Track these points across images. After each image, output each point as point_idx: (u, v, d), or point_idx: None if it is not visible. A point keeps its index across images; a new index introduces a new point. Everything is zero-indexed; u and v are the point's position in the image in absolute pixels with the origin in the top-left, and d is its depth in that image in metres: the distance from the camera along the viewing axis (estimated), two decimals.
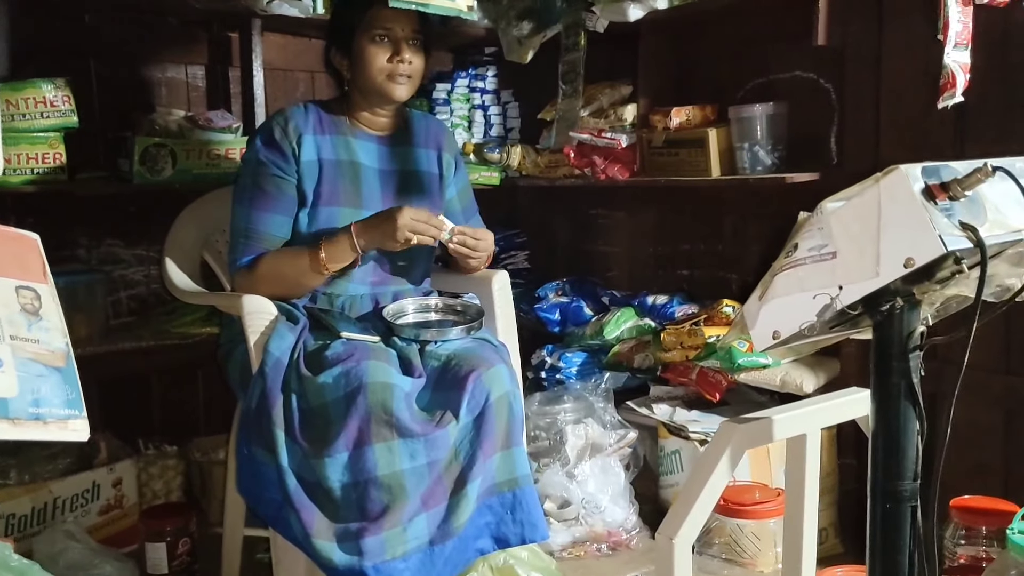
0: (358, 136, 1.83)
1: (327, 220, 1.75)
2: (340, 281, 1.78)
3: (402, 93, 1.79)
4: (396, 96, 1.78)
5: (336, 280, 1.78)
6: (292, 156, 1.75)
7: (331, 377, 1.53)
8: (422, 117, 2.00)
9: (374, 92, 1.79)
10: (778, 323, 0.99)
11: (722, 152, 2.27)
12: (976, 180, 0.89)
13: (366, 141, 1.84)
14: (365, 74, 1.77)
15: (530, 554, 1.74)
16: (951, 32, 1.47)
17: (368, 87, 1.79)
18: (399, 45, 1.75)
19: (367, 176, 1.81)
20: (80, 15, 2.30)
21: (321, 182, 1.76)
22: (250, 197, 1.75)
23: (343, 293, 1.79)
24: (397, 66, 1.75)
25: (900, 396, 1.01)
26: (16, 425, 0.73)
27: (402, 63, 1.75)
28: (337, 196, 1.76)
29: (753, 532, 1.93)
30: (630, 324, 2.44)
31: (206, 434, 2.40)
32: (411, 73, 1.78)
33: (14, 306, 0.80)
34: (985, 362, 1.85)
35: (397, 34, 1.75)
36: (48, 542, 1.82)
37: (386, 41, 1.75)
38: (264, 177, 1.75)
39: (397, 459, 1.48)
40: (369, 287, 1.81)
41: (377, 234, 1.67)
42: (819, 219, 0.94)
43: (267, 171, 1.74)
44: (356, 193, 1.78)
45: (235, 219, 1.77)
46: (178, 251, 1.96)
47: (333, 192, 1.76)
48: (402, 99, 1.81)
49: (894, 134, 1.99)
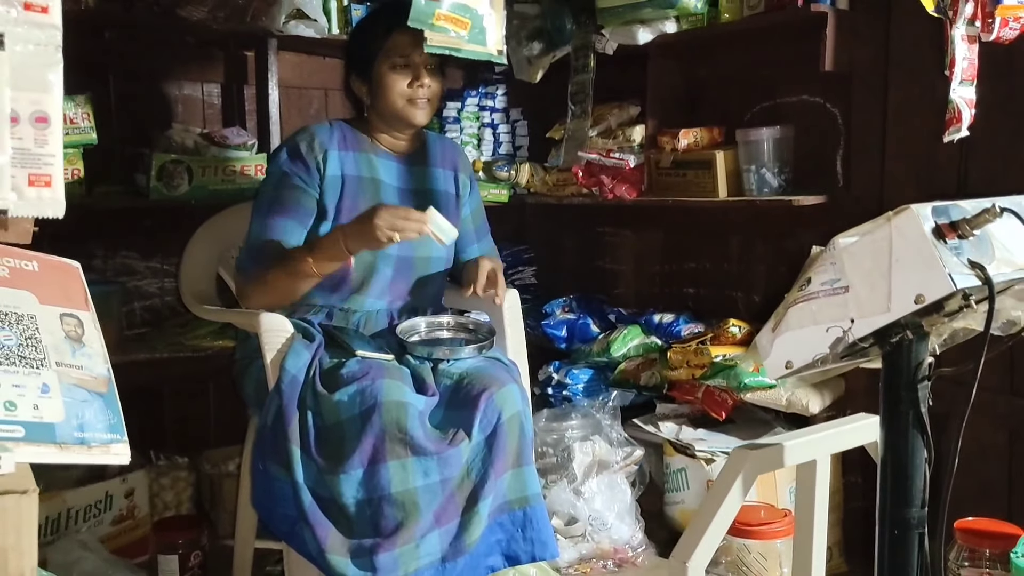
0: (379, 155, 1.88)
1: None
2: (357, 297, 1.81)
3: (422, 118, 1.83)
4: (416, 121, 1.83)
5: (353, 296, 1.80)
6: (317, 170, 1.78)
7: (347, 395, 1.55)
8: (438, 139, 2.05)
9: (395, 117, 1.84)
10: (791, 354, 1.02)
11: (729, 174, 2.30)
12: (984, 220, 0.92)
13: (387, 160, 1.88)
14: (385, 100, 1.81)
15: (538, 571, 1.76)
16: (957, 68, 1.50)
17: (388, 112, 1.83)
18: (418, 71, 1.79)
19: (387, 194, 1.85)
20: (100, 32, 2.34)
21: (343, 197, 1.80)
22: (268, 204, 1.78)
23: (359, 309, 1.81)
24: (416, 91, 1.80)
25: (908, 425, 1.03)
26: (63, 449, 0.76)
27: (421, 88, 1.80)
28: (358, 212, 1.76)
29: (760, 552, 1.95)
30: (637, 342, 2.46)
31: (217, 446, 2.43)
32: (430, 97, 1.83)
33: (59, 333, 0.83)
34: (990, 382, 1.87)
35: (415, 60, 1.79)
36: (62, 552, 1.84)
37: (405, 68, 1.80)
38: (285, 187, 1.78)
39: (411, 476, 1.51)
40: (386, 303, 1.84)
41: (360, 235, 1.65)
42: (832, 254, 0.97)
43: (289, 181, 1.78)
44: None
45: (250, 228, 1.81)
46: (195, 266, 2.00)
47: (354, 208, 1.78)
48: (422, 123, 1.85)
49: (900, 159, 2.03)
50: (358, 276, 1.79)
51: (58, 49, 0.70)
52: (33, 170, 0.69)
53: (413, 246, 1.83)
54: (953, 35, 1.49)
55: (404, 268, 1.84)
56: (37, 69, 0.68)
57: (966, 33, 1.50)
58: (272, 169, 1.83)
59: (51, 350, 0.81)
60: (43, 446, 0.75)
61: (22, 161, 0.69)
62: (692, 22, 2.32)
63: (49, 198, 0.72)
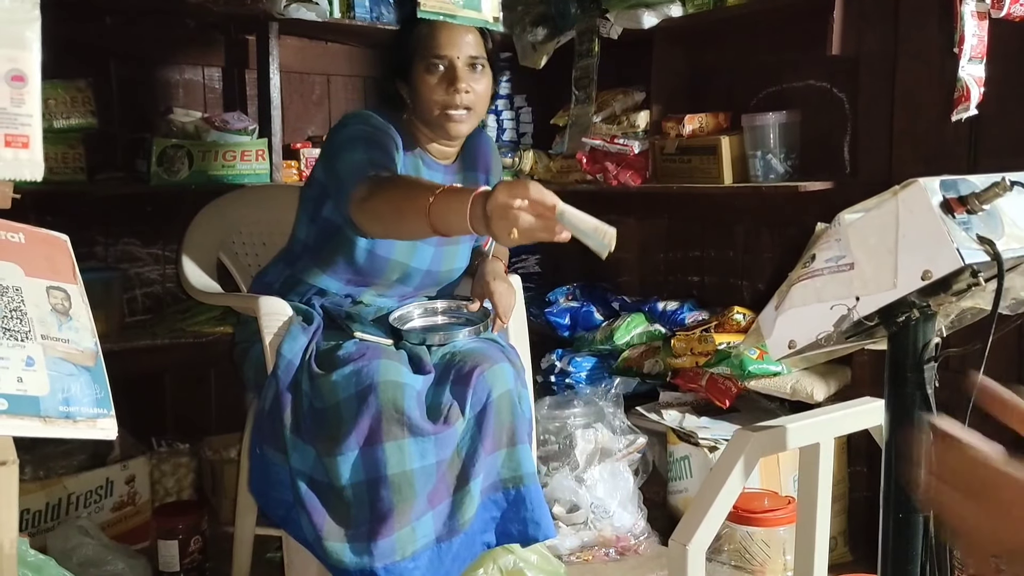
0: (427, 164, 1.72)
1: (385, 245, 1.66)
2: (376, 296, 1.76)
3: (461, 129, 1.65)
4: (454, 133, 1.66)
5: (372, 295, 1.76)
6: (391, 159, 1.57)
7: (342, 376, 1.53)
8: (479, 137, 1.86)
9: (432, 126, 1.67)
10: (794, 333, 0.99)
11: (734, 160, 2.27)
12: (994, 194, 0.90)
13: (433, 171, 1.73)
14: (423, 106, 1.64)
15: (539, 557, 1.75)
16: (966, 46, 1.48)
17: (427, 120, 1.66)
18: (455, 73, 1.60)
19: None
20: (101, 17, 2.32)
21: None
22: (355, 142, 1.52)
23: (372, 303, 1.78)
24: (453, 97, 1.60)
25: (914, 407, 1.01)
26: (48, 423, 0.75)
27: (458, 94, 1.60)
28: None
29: (763, 539, 1.94)
30: (640, 330, 2.44)
31: (218, 433, 2.42)
32: (470, 104, 1.62)
33: (45, 306, 0.81)
34: (996, 372, 1.84)
35: (453, 60, 1.60)
36: (62, 538, 1.83)
37: (441, 69, 1.61)
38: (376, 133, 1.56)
39: (407, 458, 1.49)
40: (396, 301, 1.80)
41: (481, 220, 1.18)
42: (837, 230, 0.95)
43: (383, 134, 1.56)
44: None
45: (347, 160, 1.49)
46: (195, 252, 1.98)
47: None
48: (462, 135, 1.68)
49: (908, 144, 2.00)
50: (383, 282, 1.73)
51: (35, 5, 0.68)
52: (9, 131, 0.66)
53: (443, 261, 1.77)
54: (963, 11, 1.47)
55: (429, 281, 1.79)
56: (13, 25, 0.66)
57: (976, 10, 1.48)
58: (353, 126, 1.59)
59: (36, 323, 0.79)
60: (27, 419, 0.73)
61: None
62: (698, 6, 2.29)
63: (27, 160, 0.70)
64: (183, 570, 1.93)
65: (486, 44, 1.67)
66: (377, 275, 1.73)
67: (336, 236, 1.69)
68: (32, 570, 1.36)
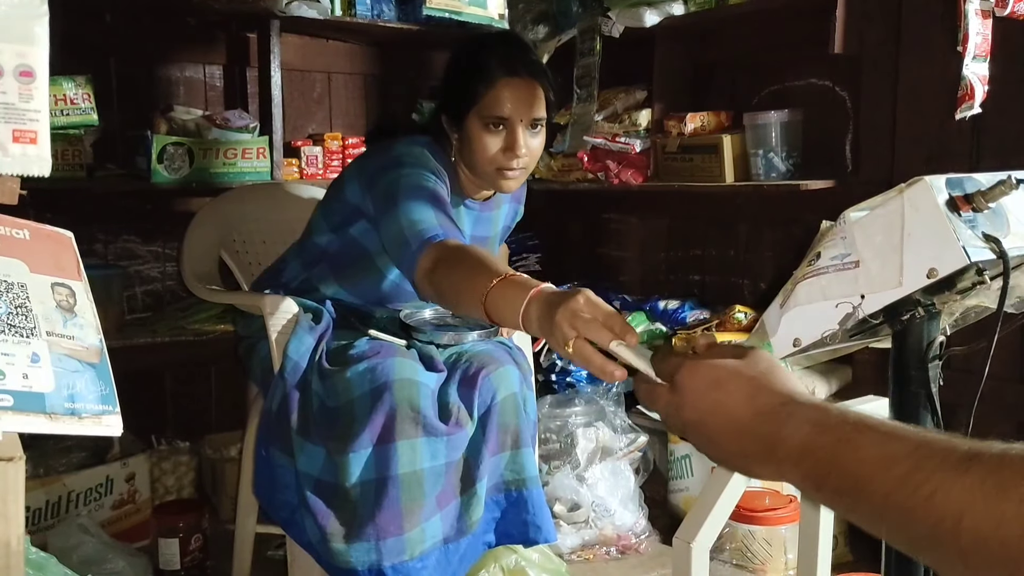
0: (465, 205, 1.70)
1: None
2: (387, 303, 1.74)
3: (512, 187, 1.61)
4: (505, 190, 1.63)
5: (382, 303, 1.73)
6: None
7: (356, 373, 1.52)
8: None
9: (483, 178, 1.62)
10: (799, 331, 0.99)
11: (736, 158, 2.27)
12: (1000, 192, 0.89)
13: (470, 210, 1.72)
14: (474, 159, 1.58)
15: (541, 556, 1.75)
16: (970, 44, 1.47)
17: (477, 172, 1.61)
18: (515, 135, 1.54)
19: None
20: (101, 14, 2.32)
21: None
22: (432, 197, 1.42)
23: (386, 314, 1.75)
24: (511, 161, 1.54)
25: (918, 405, 1.01)
26: (53, 420, 0.75)
27: (516, 158, 1.54)
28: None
29: (764, 538, 1.94)
30: (642, 328, 2.44)
31: (218, 431, 2.42)
32: (526, 165, 1.58)
33: (50, 303, 0.81)
34: (998, 371, 1.85)
35: (515, 123, 1.53)
36: (62, 536, 1.83)
37: (501, 129, 1.54)
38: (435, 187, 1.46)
39: (419, 458, 1.49)
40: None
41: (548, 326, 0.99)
42: (842, 228, 0.95)
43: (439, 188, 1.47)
44: None
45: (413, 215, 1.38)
46: (197, 249, 1.98)
47: None
48: (511, 191, 1.66)
49: (910, 143, 2.00)
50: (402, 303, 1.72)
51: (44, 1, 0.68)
52: (17, 126, 0.66)
53: None
54: (967, 9, 1.47)
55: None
56: (22, 20, 0.65)
57: (980, 8, 1.47)
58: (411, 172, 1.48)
59: (42, 319, 0.79)
60: (32, 416, 0.73)
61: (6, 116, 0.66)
62: (700, 4, 2.29)
63: (35, 155, 0.70)
64: (184, 568, 1.92)
65: (547, 98, 1.59)
66: (399, 300, 1.71)
67: (363, 259, 1.65)
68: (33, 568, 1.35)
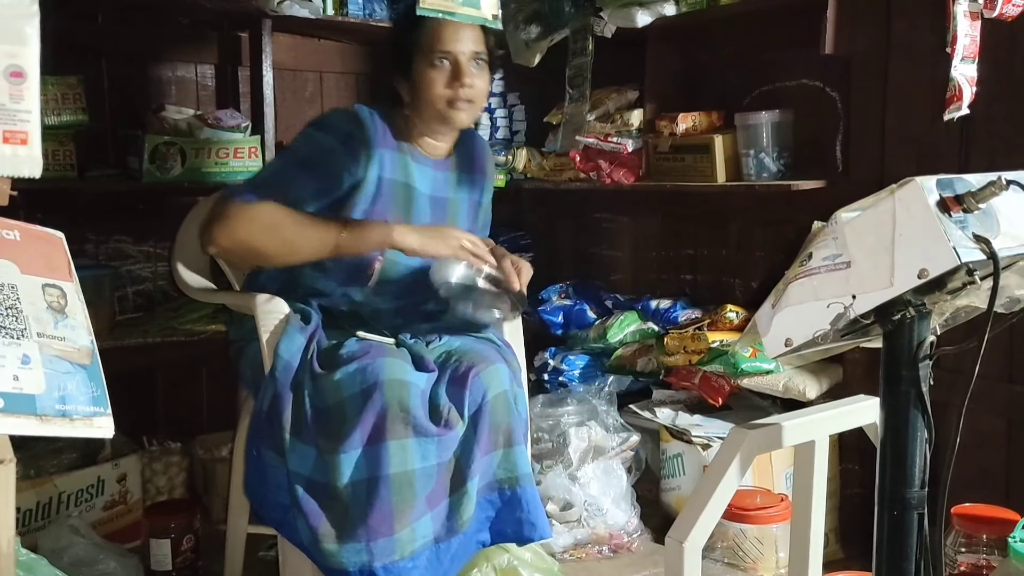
0: (416, 159, 1.74)
1: None
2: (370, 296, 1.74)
3: (464, 119, 1.70)
4: (457, 123, 1.70)
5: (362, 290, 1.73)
6: (362, 166, 1.64)
7: (347, 374, 1.52)
8: (473, 139, 1.90)
9: (434, 119, 1.70)
10: (791, 331, 1.00)
11: (728, 158, 2.28)
12: (990, 193, 0.90)
13: (423, 165, 1.75)
14: (424, 100, 1.66)
15: (533, 555, 1.75)
16: (959, 45, 1.48)
17: (428, 113, 1.69)
18: (459, 68, 1.64)
19: (419, 202, 1.73)
20: (93, 13, 2.31)
21: (375, 202, 1.67)
22: (293, 156, 1.66)
23: (370, 305, 1.75)
24: (458, 91, 1.64)
25: (909, 404, 1.02)
26: (44, 422, 0.74)
27: (463, 88, 1.64)
28: (387, 218, 1.67)
29: (756, 537, 1.94)
30: (633, 328, 2.45)
31: (210, 431, 2.41)
32: (473, 98, 1.67)
33: (41, 304, 0.81)
34: (988, 371, 1.86)
35: (457, 57, 1.64)
36: (53, 537, 1.82)
37: (445, 64, 1.64)
38: (322, 153, 1.63)
39: (409, 458, 1.49)
40: (394, 302, 1.77)
41: (429, 237, 1.62)
42: (834, 229, 0.95)
43: (330, 155, 1.62)
44: (407, 217, 1.70)
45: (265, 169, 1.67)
46: (188, 249, 1.97)
47: (383, 213, 1.68)
48: (464, 125, 1.73)
49: (899, 144, 2.01)
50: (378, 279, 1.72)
51: (34, 1, 0.67)
52: (8, 127, 0.66)
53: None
54: (955, 11, 1.47)
55: (422, 277, 1.74)
56: (12, 20, 0.65)
57: (969, 10, 1.48)
58: (311, 133, 1.67)
59: (32, 320, 0.78)
60: (23, 418, 0.73)
61: None
62: (691, 4, 2.29)
63: (25, 156, 0.69)
64: (175, 569, 1.92)
65: (487, 41, 1.70)
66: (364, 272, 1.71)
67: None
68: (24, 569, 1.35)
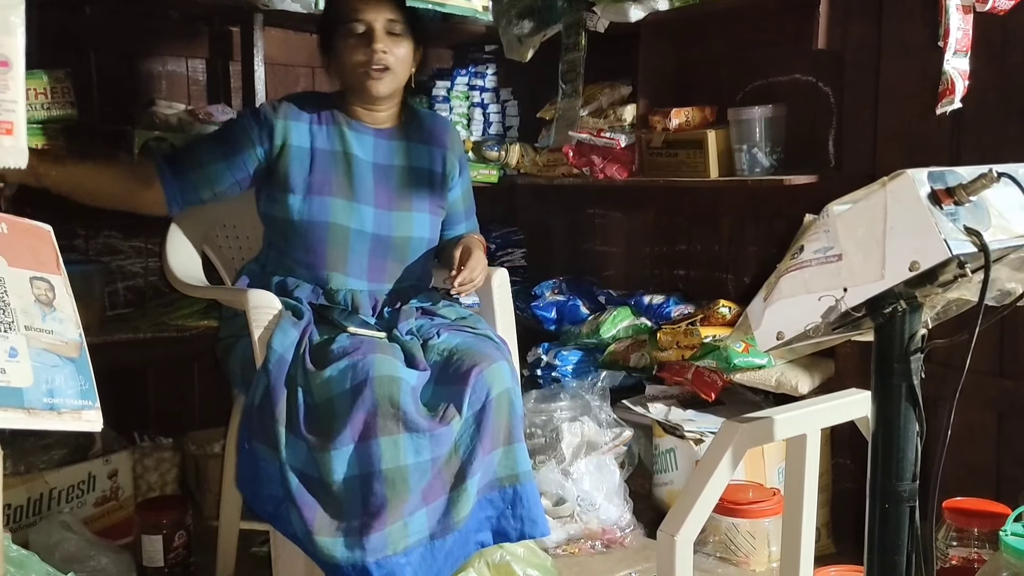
0: (353, 128, 1.81)
1: (319, 209, 1.75)
2: (336, 275, 1.78)
3: (380, 88, 1.73)
4: (374, 92, 1.74)
5: (332, 273, 1.78)
6: (268, 130, 1.74)
7: (337, 371, 1.53)
8: (429, 115, 1.98)
9: (354, 88, 1.76)
10: (782, 324, 1.00)
11: (721, 153, 2.28)
12: (981, 185, 0.90)
13: (362, 134, 1.82)
14: (345, 72, 1.75)
15: (526, 551, 1.75)
16: (951, 39, 1.49)
17: (349, 84, 1.77)
18: (372, 35, 1.70)
19: (360, 168, 1.80)
20: (81, 7, 2.29)
21: (313, 171, 1.76)
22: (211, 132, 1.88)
23: (342, 287, 1.78)
24: (371, 57, 1.70)
25: (900, 397, 1.02)
26: (31, 415, 0.74)
27: (376, 54, 1.70)
28: (329, 186, 1.76)
29: (748, 531, 1.95)
30: (626, 323, 2.45)
31: (202, 427, 2.40)
32: (389, 64, 1.72)
33: (28, 297, 0.80)
34: (979, 365, 1.87)
35: (372, 24, 1.70)
36: (44, 533, 1.81)
37: (361, 32, 1.71)
38: (231, 125, 1.82)
39: (402, 454, 1.49)
40: (367, 284, 1.81)
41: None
42: (825, 222, 0.95)
43: (236, 124, 1.79)
44: (348, 184, 1.78)
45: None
46: (179, 245, 1.96)
47: (325, 182, 1.76)
48: (381, 94, 1.76)
49: (892, 138, 2.01)
50: (332, 252, 1.76)
51: None
52: None
53: (392, 226, 1.80)
54: (948, 5, 1.48)
55: (382, 248, 1.80)
56: None
57: (961, 3, 1.48)
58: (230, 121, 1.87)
59: (20, 313, 0.78)
60: (10, 411, 0.72)
61: None
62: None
63: (10, 146, 0.69)
64: (167, 565, 1.91)
65: (405, 14, 1.75)
66: (323, 244, 1.76)
67: (275, 223, 1.81)
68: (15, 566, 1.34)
